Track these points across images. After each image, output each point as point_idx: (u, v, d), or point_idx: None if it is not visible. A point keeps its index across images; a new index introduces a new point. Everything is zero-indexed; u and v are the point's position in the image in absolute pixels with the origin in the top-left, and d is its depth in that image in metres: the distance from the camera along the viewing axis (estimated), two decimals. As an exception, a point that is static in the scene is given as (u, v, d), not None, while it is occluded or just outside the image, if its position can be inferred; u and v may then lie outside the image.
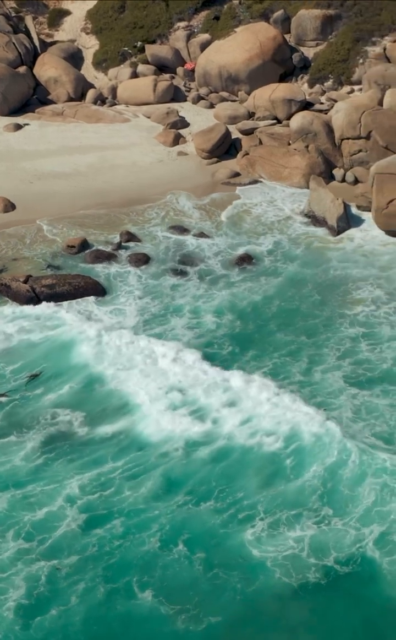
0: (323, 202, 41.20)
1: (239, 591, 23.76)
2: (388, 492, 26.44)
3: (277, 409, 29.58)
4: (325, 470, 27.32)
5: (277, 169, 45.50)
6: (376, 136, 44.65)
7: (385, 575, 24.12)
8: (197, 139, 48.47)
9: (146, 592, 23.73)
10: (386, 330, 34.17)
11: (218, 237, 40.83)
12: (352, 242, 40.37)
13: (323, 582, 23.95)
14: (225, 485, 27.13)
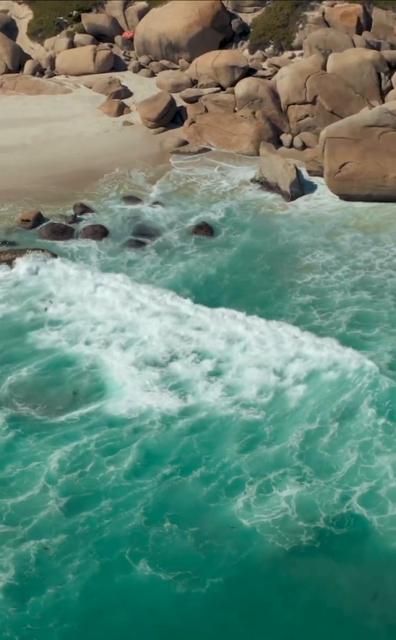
0: (275, 168, 40.69)
1: (234, 557, 23.59)
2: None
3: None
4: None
5: (225, 136, 44.71)
6: (321, 101, 44.23)
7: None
8: (142, 108, 47.31)
9: (141, 564, 23.39)
10: (338, 296, 34.09)
11: (172, 207, 40.01)
12: (303, 208, 39.88)
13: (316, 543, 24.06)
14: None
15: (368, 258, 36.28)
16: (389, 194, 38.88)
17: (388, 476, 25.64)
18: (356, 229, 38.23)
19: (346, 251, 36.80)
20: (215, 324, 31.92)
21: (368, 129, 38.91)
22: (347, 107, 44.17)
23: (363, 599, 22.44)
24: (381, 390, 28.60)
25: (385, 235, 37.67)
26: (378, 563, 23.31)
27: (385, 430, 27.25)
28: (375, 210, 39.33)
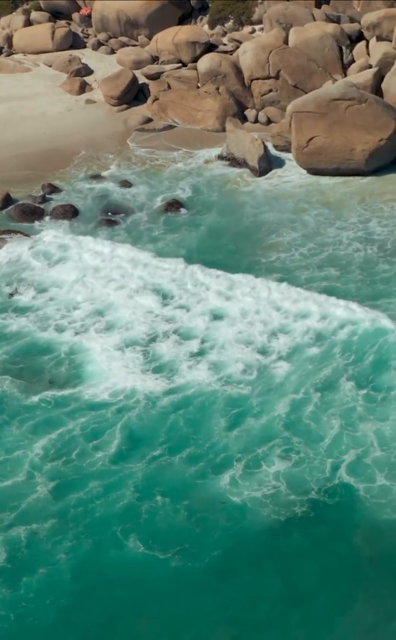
0: (242, 143, 40.30)
1: (228, 529, 23.48)
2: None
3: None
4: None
5: (189, 113, 44.16)
6: (285, 75, 43.86)
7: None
8: (104, 86, 46.47)
9: (134, 541, 23.17)
10: (305, 273, 33.79)
11: (140, 185, 39.49)
12: (268, 184, 39.52)
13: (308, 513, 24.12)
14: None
15: (335, 234, 35.99)
16: (356, 167, 38.75)
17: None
18: (321, 205, 37.88)
19: (312, 228, 36.44)
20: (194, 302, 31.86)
21: (334, 102, 38.70)
22: (310, 81, 43.91)
23: (360, 564, 22.54)
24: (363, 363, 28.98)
25: (349, 212, 37.39)
26: (370, 530, 23.36)
27: (365, 399, 27.42)
28: (340, 186, 39.09)
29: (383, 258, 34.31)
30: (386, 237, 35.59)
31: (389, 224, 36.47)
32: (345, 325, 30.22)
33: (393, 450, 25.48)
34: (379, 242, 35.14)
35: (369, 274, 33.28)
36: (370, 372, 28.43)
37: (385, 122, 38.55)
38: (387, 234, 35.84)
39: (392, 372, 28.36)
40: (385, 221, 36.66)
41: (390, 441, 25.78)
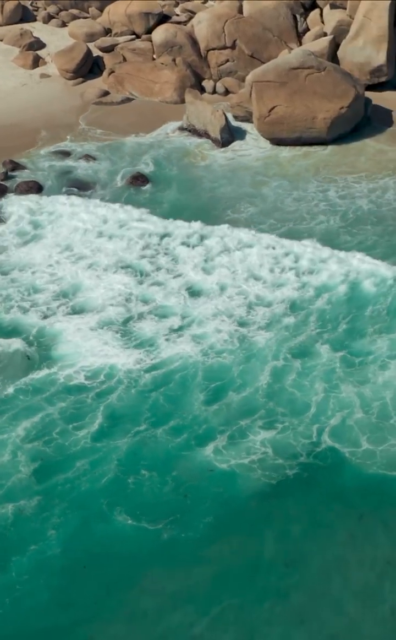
0: (203, 114, 39.75)
1: (216, 498, 23.32)
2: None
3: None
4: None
5: (147, 85, 43.37)
6: (241, 45, 43.29)
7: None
8: (58, 59, 45.32)
9: (122, 515, 22.91)
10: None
11: (104, 159, 38.63)
12: (226, 158, 38.72)
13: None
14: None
15: (295, 208, 35.44)
16: (318, 136, 38.54)
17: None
18: (280, 177, 37.44)
19: (271, 202, 35.97)
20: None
21: (294, 71, 38.34)
22: (266, 51, 43.49)
23: (351, 522, 22.69)
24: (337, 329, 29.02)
25: (308, 184, 36.98)
26: (358, 489, 23.50)
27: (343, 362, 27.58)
28: (299, 158, 38.71)
29: (344, 229, 34.18)
30: (347, 207, 35.48)
31: (347, 195, 36.33)
32: (321, 293, 30.26)
33: (374, 411, 25.66)
34: (340, 213, 34.97)
35: (332, 246, 32.94)
36: (345, 337, 28.56)
37: (344, 90, 38.38)
38: (348, 204, 35.72)
39: (367, 336, 28.53)
40: (342, 192, 36.51)
41: (371, 402, 25.96)
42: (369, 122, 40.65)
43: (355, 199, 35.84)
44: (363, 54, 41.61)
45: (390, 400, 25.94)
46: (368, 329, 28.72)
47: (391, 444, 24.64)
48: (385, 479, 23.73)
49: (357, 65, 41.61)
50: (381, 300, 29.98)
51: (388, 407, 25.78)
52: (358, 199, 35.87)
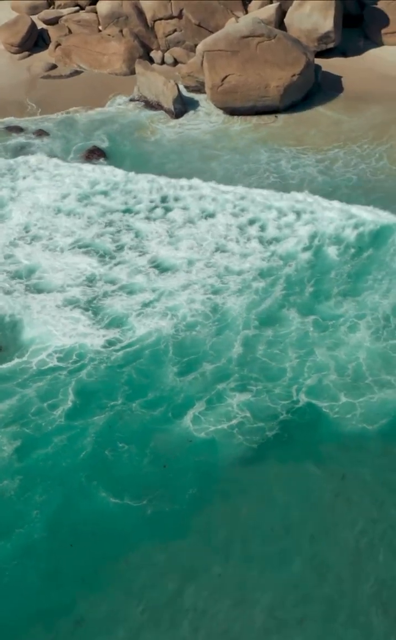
0: (154, 85, 38.97)
1: (198, 468, 23.02)
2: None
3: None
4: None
5: (95, 57, 42.26)
6: (187, 14, 42.32)
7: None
8: (2, 33, 43.66)
9: (104, 491, 22.53)
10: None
11: (58, 135, 37.50)
12: (183, 129, 37.92)
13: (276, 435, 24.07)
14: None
15: (246, 183, 34.58)
16: (272, 104, 37.98)
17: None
18: (230, 151, 36.64)
19: (221, 176, 35.11)
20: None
21: (245, 39, 37.65)
22: (213, 19, 42.61)
23: (334, 482, 22.61)
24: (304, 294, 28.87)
25: (259, 156, 36.25)
26: (338, 446, 23.49)
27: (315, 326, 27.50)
28: (248, 131, 38.03)
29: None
30: (301, 178, 34.93)
31: (299, 164, 35.80)
32: (287, 261, 30.06)
33: (349, 371, 25.68)
34: (293, 186, 34.35)
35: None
36: (314, 302, 28.42)
37: (295, 57, 37.91)
38: (301, 175, 35.21)
39: (338, 298, 28.46)
40: (294, 161, 35.93)
41: (345, 363, 25.95)
42: (320, 89, 40.32)
43: (307, 169, 35.40)
44: (310, 21, 41.12)
45: (364, 360, 25.94)
46: (333, 292, 28.69)
47: (369, 397, 24.72)
48: (364, 434, 23.72)
49: (304, 32, 41.12)
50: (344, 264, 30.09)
51: (363, 367, 25.77)
52: (310, 169, 35.43)
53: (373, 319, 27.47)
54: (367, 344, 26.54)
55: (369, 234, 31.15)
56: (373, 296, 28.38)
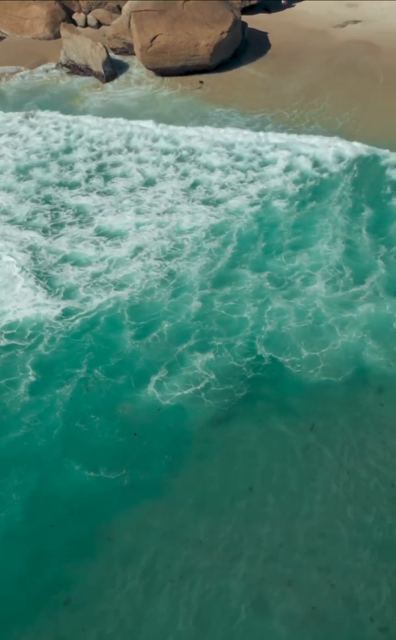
0: (82, 49, 37.48)
1: (170, 435, 22.41)
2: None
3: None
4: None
5: (16, 22, 40.30)
6: (108, -26, 41.14)
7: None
8: None
9: (79, 467, 21.70)
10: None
11: (-12, 109, 36.07)
12: (105, 99, 36.26)
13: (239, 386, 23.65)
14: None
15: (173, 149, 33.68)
16: (202, 63, 36.79)
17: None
18: (155, 117, 35.18)
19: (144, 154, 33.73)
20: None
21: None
22: (134, -21, 41.33)
23: (304, 433, 22.40)
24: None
25: (186, 122, 34.92)
26: (307, 399, 23.22)
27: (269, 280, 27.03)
28: (174, 97, 36.83)
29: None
30: (229, 141, 33.85)
31: (229, 130, 34.58)
32: (232, 221, 29.43)
33: (307, 323, 25.37)
34: (225, 146, 33.56)
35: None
36: (264, 258, 27.98)
37: (223, 15, 36.83)
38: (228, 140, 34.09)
39: (289, 251, 28.05)
40: (215, 123, 34.77)
41: (303, 311, 25.66)
42: (247, 46, 39.58)
43: (236, 134, 34.28)
44: (233, -23, 40.17)
45: (321, 306, 25.65)
46: (284, 246, 28.24)
47: (332, 346, 24.49)
48: (329, 385, 23.52)
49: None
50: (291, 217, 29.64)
51: (322, 311, 25.53)
52: (238, 134, 34.33)
53: (328, 268, 27.18)
54: (323, 295, 26.21)
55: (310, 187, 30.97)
56: (322, 246, 28.13)
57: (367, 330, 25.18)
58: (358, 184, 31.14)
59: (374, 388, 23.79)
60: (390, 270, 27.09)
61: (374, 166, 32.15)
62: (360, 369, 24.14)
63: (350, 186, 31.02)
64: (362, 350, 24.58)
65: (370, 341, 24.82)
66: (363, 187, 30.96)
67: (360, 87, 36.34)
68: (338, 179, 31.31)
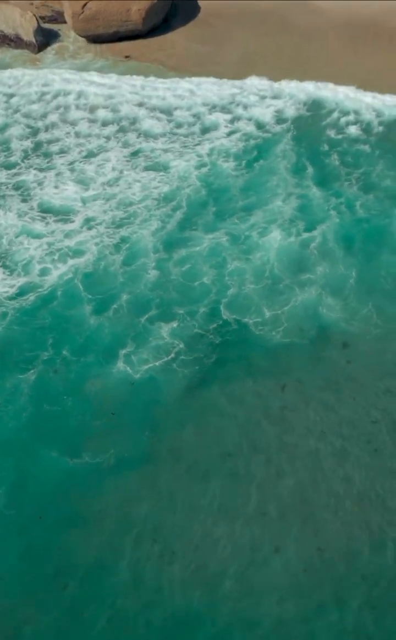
0: (11, 18, 35.50)
1: (147, 409, 21.82)
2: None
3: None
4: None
5: None
6: None
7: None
8: None
9: (58, 454, 20.99)
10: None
11: None
12: (38, 71, 34.47)
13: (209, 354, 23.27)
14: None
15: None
16: (134, 29, 35.29)
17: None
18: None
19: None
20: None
21: (98, -38, 35.18)
22: None
23: (276, 392, 22.17)
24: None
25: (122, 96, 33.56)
26: (274, 360, 22.93)
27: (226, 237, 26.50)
28: (107, 68, 35.21)
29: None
30: (164, 105, 33.05)
31: (167, 96, 33.45)
32: (180, 187, 28.67)
33: (267, 282, 25.03)
34: (163, 109, 32.81)
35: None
36: (219, 217, 27.43)
37: (152, -22, 35.76)
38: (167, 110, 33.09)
39: (239, 213, 27.54)
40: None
41: (261, 268, 25.30)
42: (176, 12, 38.52)
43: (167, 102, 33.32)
44: None
45: (279, 261, 25.41)
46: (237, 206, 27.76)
47: (293, 303, 24.31)
48: (293, 344, 23.29)
49: None
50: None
51: (284, 264, 25.31)
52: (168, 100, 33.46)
53: (283, 221, 26.83)
54: (278, 245, 25.89)
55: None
56: (276, 202, 27.70)
57: (325, 287, 24.88)
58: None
59: (338, 345, 23.66)
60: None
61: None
62: (322, 327, 23.88)
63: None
64: (321, 307, 24.30)
65: (329, 298, 24.60)
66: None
67: (292, 46, 35.67)
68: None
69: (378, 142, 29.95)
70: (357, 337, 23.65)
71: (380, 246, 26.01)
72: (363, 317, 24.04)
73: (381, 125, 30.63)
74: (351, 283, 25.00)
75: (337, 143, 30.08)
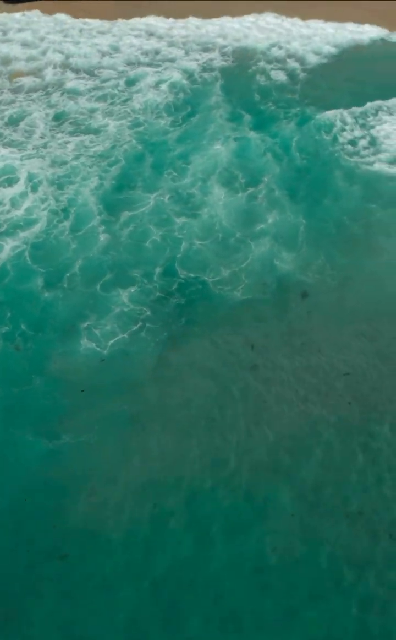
0: None
1: (115, 382, 20.87)
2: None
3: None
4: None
5: None
6: None
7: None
8: None
9: (35, 435, 19.98)
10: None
11: None
12: None
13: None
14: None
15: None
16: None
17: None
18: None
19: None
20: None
21: None
22: None
23: (246, 352, 21.78)
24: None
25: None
26: (240, 318, 22.41)
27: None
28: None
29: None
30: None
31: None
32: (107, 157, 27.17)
33: (217, 237, 24.35)
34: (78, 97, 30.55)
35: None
36: (151, 174, 26.32)
37: None
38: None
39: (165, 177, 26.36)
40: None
41: (211, 225, 24.53)
42: None
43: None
44: None
45: (228, 217, 24.68)
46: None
47: (250, 260, 23.80)
48: (255, 299, 22.93)
49: None
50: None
51: (229, 224, 24.59)
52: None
53: (222, 170, 25.87)
54: (224, 199, 24.93)
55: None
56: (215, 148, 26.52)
57: (278, 238, 24.23)
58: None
59: (296, 296, 23.29)
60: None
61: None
62: (280, 279, 23.37)
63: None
64: (276, 259, 23.71)
65: (283, 251, 24.12)
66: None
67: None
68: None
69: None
70: (314, 288, 23.23)
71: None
72: (318, 268, 23.63)
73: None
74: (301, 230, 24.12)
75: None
